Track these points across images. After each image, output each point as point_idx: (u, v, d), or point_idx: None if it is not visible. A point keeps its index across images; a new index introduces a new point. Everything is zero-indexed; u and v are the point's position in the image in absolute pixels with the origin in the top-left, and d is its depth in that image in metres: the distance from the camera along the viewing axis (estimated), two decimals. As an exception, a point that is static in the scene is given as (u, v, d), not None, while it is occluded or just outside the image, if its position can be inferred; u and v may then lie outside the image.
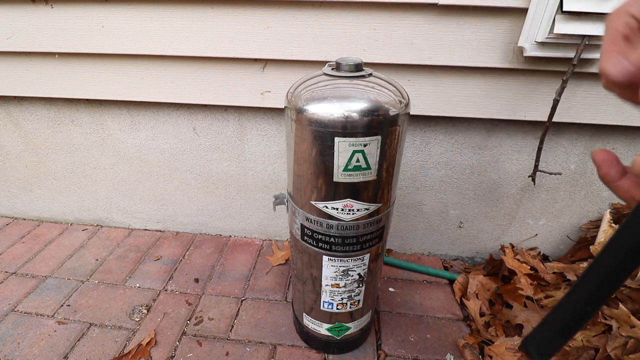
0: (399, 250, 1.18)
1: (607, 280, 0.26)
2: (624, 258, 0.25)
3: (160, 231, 1.26)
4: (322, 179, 0.56)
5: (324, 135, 0.51)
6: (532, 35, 0.73)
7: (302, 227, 0.64)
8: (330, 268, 0.67)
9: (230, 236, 1.24)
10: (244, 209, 1.17)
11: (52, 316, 0.91)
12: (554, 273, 0.93)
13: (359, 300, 0.73)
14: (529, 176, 0.91)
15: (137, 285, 1.02)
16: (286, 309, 0.94)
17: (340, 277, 0.68)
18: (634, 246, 0.24)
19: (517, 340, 0.80)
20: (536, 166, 0.88)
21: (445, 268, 1.11)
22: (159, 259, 1.12)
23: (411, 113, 0.89)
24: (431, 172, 1.01)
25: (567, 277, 0.90)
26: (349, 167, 0.53)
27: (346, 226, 0.60)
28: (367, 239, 0.63)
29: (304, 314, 0.79)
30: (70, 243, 1.19)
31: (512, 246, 1.08)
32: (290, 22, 0.80)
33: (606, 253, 0.26)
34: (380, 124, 0.51)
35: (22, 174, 1.23)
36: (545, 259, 1.09)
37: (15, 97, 1.07)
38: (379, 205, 0.60)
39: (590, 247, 0.94)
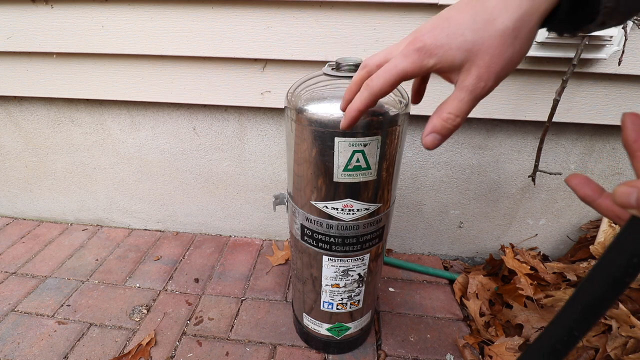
0: (399, 250, 1.18)
1: (593, 305, 0.27)
2: (607, 287, 0.25)
3: (160, 231, 1.26)
4: (322, 179, 0.56)
5: (324, 135, 0.51)
6: (532, 35, 0.73)
7: (302, 227, 0.64)
8: (330, 268, 0.67)
9: (230, 236, 1.24)
10: (244, 209, 1.17)
11: (52, 316, 0.91)
12: (554, 273, 0.93)
13: (359, 300, 0.73)
14: (529, 176, 0.91)
15: (137, 285, 1.02)
16: (286, 309, 0.94)
17: (340, 277, 0.68)
18: (617, 275, 0.25)
19: (517, 340, 0.80)
20: (536, 166, 0.88)
21: (445, 268, 1.11)
22: (159, 259, 1.12)
23: (411, 113, 0.89)
24: (431, 172, 1.01)
25: (567, 277, 0.91)
26: (349, 167, 0.53)
27: (346, 226, 0.60)
28: (367, 239, 0.63)
29: (304, 314, 0.79)
30: (70, 243, 1.19)
31: (512, 246, 1.08)
32: (290, 22, 0.80)
33: (591, 280, 0.27)
34: (380, 124, 0.51)
35: (22, 174, 1.23)
36: (545, 259, 1.09)
37: (15, 97, 1.07)
38: (379, 205, 0.60)
39: (590, 247, 0.94)
